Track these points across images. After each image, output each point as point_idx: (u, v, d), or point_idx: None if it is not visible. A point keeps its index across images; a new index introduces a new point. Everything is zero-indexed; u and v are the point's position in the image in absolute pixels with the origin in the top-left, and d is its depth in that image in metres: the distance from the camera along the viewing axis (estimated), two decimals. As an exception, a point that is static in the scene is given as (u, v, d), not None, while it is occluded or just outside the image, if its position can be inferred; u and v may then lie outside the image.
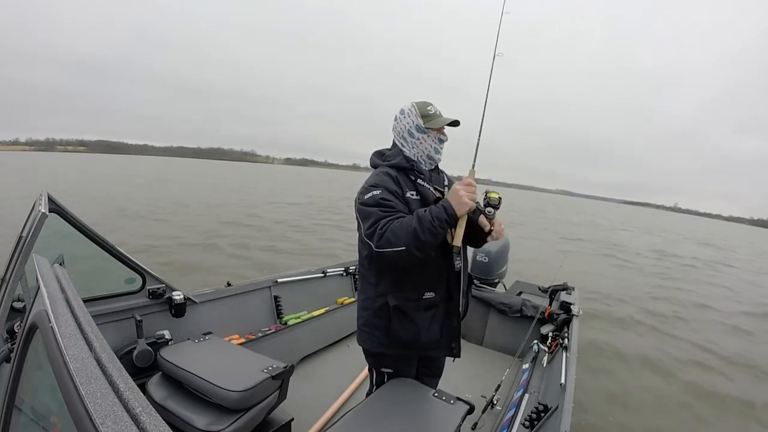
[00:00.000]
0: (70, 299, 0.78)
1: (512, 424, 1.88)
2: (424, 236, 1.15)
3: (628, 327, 5.92)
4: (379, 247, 1.17)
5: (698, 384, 4.25)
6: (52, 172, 29.33)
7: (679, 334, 5.87)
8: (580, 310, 2.74)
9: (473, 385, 2.54)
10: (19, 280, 1.11)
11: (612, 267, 11.11)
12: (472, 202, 1.24)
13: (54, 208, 1.44)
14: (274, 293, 2.67)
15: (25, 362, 0.80)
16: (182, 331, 2.00)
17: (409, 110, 1.37)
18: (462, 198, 1.21)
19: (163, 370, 1.60)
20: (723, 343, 5.69)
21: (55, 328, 0.61)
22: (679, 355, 5.03)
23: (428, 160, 1.40)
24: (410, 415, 1.24)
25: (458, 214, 1.22)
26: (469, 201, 1.22)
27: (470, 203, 1.23)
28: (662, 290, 8.77)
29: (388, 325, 1.34)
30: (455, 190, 1.24)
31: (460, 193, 1.22)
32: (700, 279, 10.99)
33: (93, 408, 0.44)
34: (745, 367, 4.94)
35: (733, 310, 7.79)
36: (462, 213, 1.23)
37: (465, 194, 1.22)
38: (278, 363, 1.61)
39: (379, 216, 1.21)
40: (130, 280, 1.86)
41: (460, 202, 1.21)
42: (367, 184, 1.31)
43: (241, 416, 1.42)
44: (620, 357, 4.71)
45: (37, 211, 1.21)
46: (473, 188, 1.26)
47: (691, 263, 14.04)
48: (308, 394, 2.30)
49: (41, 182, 18.05)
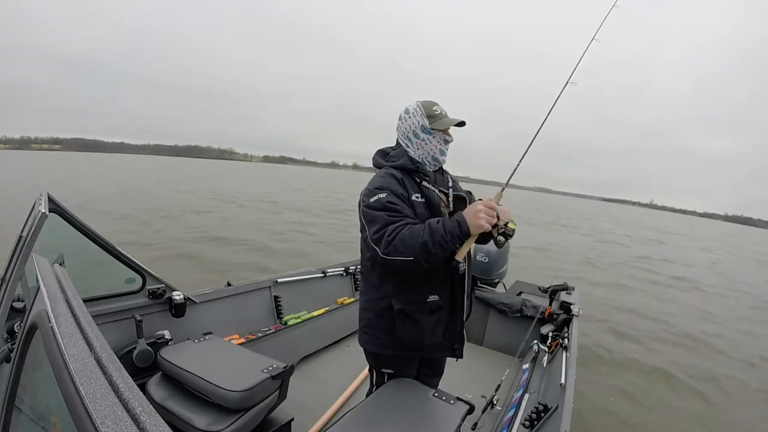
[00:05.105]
0: (70, 299, 0.78)
1: (512, 424, 1.88)
2: (434, 249, 1.13)
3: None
4: (386, 254, 1.16)
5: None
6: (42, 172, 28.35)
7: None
8: (580, 310, 2.73)
9: (473, 385, 2.54)
10: (19, 280, 1.11)
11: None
12: (488, 226, 1.21)
13: (54, 208, 1.44)
14: (274, 293, 2.67)
15: (25, 362, 0.80)
16: (182, 331, 1.99)
17: (414, 110, 1.35)
18: (480, 221, 1.18)
19: (163, 370, 1.59)
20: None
21: (55, 328, 0.61)
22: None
23: (433, 161, 1.39)
24: (410, 415, 1.24)
25: (472, 233, 1.20)
26: (485, 225, 1.19)
27: (486, 227, 1.20)
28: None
29: (391, 327, 1.33)
30: (476, 210, 1.19)
31: (480, 215, 1.18)
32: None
33: (93, 408, 0.44)
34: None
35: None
36: (475, 233, 1.21)
37: (485, 217, 1.19)
38: (278, 363, 1.61)
39: (387, 221, 1.19)
40: (130, 280, 1.85)
41: (477, 224, 1.18)
42: (372, 186, 1.28)
43: (241, 416, 1.41)
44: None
45: (37, 211, 1.21)
46: (494, 212, 1.22)
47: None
48: (308, 394, 2.30)
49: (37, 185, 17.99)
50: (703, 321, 6.65)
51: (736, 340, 5.78)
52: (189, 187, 22.77)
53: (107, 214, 10.77)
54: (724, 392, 4.03)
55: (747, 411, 3.72)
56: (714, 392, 3.99)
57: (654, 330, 5.73)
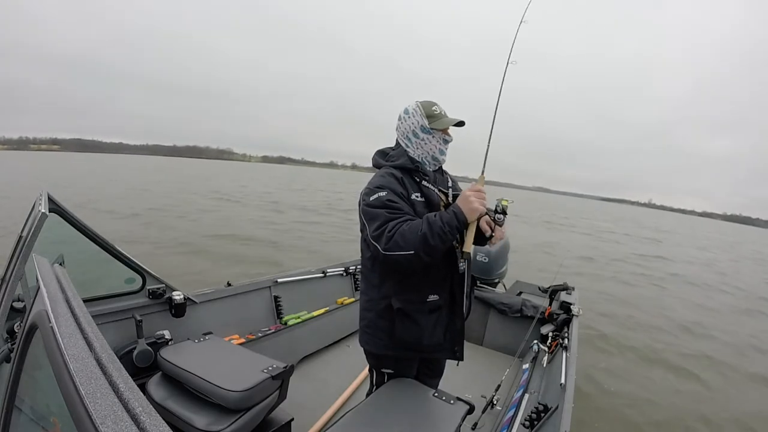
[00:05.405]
0: (70, 299, 0.78)
1: (512, 424, 1.88)
2: (433, 241, 1.14)
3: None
4: (387, 250, 1.16)
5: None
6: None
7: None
8: (580, 310, 2.73)
9: (473, 385, 2.54)
10: (19, 280, 1.11)
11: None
12: (483, 208, 1.22)
13: (54, 208, 1.44)
14: (274, 293, 2.67)
15: (25, 362, 0.80)
16: (182, 331, 1.99)
17: (413, 110, 1.35)
18: (473, 204, 1.20)
19: (163, 370, 1.59)
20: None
21: (55, 328, 0.61)
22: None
23: (433, 161, 1.40)
24: (410, 415, 1.24)
25: (469, 220, 1.21)
26: (480, 207, 1.21)
27: (481, 209, 1.21)
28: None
29: (391, 327, 1.33)
30: (466, 196, 1.22)
31: (471, 199, 1.20)
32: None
33: (93, 408, 0.44)
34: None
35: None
36: (473, 219, 1.22)
37: (476, 200, 1.20)
38: (278, 363, 1.61)
39: (387, 218, 1.20)
40: (130, 280, 1.85)
41: (471, 208, 1.20)
42: (372, 185, 1.29)
43: (241, 416, 1.41)
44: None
45: (37, 211, 1.21)
46: (483, 194, 1.24)
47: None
48: (308, 394, 2.30)
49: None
50: (697, 316, 6.88)
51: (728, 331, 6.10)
52: (194, 187, 23.17)
53: (109, 212, 10.93)
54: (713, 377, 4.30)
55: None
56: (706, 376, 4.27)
57: (651, 324, 5.97)
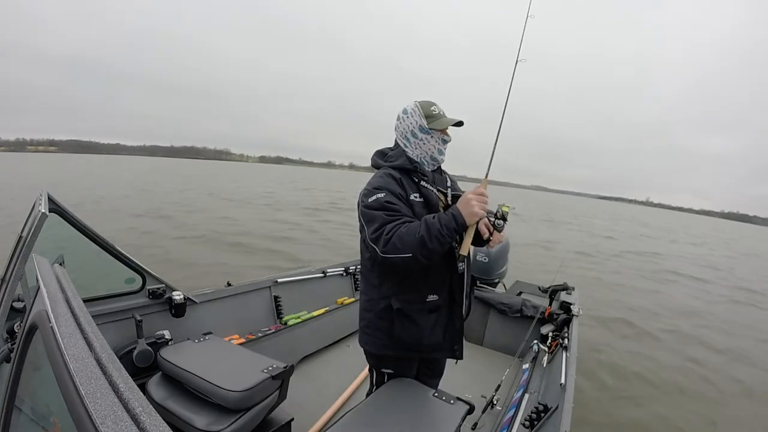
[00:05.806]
0: (70, 299, 0.78)
1: (512, 424, 1.88)
2: (431, 244, 1.13)
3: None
4: (384, 252, 1.16)
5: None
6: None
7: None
8: (580, 310, 2.73)
9: (473, 385, 2.54)
10: (19, 280, 1.11)
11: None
12: (483, 212, 1.21)
13: (54, 208, 1.44)
14: (274, 293, 2.67)
15: (25, 362, 0.79)
16: (182, 331, 1.99)
17: (412, 110, 1.35)
18: (473, 208, 1.18)
19: (163, 370, 1.60)
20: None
21: (55, 328, 0.61)
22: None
23: (432, 161, 1.39)
24: (410, 415, 1.23)
25: (468, 223, 1.19)
26: (480, 211, 1.19)
27: (481, 213, 1.20)
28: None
29: (390, 328, 1.33)
30: (467, 199, 1.20)
31: (472, 202, 1.19)
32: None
33: (93, 408, 0.44)
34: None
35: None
36: (472, 223, 1.20)
37: (476, 204, 1.18)
38: (278, 363, 1.61)
39: (385, 220, 1.19)
40: (130, 280, 1.85)
41: (471, 212, 1.18)
42: (370, 186, 1.28)
43: (241, 416, 1.41)
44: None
45: (37, 211, 1.21)
46: (485, 198, 1.22)
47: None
48: (308, 394, 2.30)
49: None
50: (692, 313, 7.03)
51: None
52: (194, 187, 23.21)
53: (112, 212, 11.08)
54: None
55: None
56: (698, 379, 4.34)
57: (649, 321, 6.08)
